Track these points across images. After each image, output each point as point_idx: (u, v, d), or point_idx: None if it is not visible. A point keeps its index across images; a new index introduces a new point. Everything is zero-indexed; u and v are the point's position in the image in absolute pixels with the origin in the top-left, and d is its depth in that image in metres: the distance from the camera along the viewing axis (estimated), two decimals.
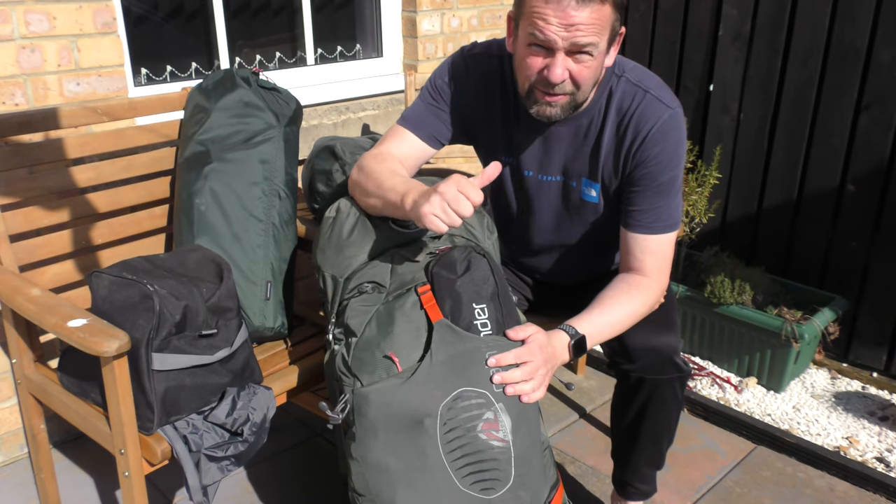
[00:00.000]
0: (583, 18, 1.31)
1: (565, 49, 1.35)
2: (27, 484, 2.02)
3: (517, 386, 1.30)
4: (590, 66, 1.38)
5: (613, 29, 1.38)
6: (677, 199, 1.54)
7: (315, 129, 2.56)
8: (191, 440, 1.47)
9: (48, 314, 1.45)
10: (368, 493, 1.28)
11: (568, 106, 1.44)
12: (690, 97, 2.88)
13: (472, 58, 1.59)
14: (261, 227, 1.76)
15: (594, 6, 1.31)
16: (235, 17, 2.49)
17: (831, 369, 2.66)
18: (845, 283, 2.61)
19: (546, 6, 1.32)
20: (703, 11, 2.78)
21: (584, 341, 1.42)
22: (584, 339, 1.42)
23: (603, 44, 1.37)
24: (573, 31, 1.32)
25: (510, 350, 1.32)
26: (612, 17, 1.36)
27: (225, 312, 1.54)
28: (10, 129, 1.70)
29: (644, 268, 1.53)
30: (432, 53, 2.87)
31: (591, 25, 1.32)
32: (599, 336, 1.47)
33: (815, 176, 2.62)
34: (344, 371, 1.34)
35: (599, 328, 1.47)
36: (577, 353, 1.42)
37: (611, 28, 1.37)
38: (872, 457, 2.20)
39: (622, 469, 1.77)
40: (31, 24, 1.86)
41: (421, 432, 1.26)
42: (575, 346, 1.41)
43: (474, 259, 1.38)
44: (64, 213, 1.77)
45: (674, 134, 1.48)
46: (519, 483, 1.28)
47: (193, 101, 1.85)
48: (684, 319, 2.68)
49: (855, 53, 2.44)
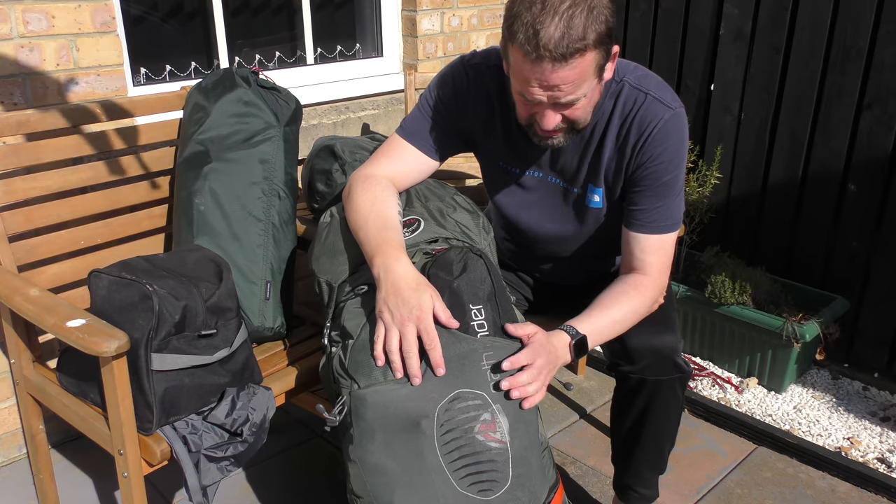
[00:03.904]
0: (562, 78, 1.28)
1: (551, 103, 1.34)
2: (26, 485, 2.02)
3: (522, 389, 1.30)
4: (580, 107, 1.37)
5: (601, 67, 1.34)
6: (679, 198, 1.53)
7: (315, 129, 2.56)
8: (190, 440, 1.47)
9: (47, 314, 1.44)
10: (366, 495, 1.27)
11: (569, 136, 1.45)
12: (691, 96, 2.88)
13: (471, 68, 1.58)
14: (260, 227, 1.75)
15: (573, 62, 1.27)
16: (235, 17, 2.48)
17: (832, 370, 2.66)
18: (846, 283, 2.61)
19: (523, 65, 1.30)
20: (704, 10, 2.77)
21: (585, 341, 1.42)
22: (585, 340, 1.42)
23: (589, 88, 1.34)
24: (555, 91, 1.31)
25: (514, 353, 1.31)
26: (597, 59, 1.31)
27: (224, 312, 1.54)
28: (8, 129, 1.69)
29: (645, 267, 1.53)
30: (432, 53, 2.86)
31: (572, 82, 1.30)
32: (601, 336, 1.47)
33: (817, 176, 2.61)
34: (341, 373, 1.34)
35: (600, 328, 1.46)
36: (578, 353, 1.42)
37: (597, 69, 1.33)
38: (874, 457, 2.20)
39: (623, 473, 1.76)
40: (30, 23, 1.86)
41: (418, 434, 1.25)
42: (576, 346, 1.41)
43: (471, 260, 1.37)
44: (63, 212, 1.77)
45: (675, 134, 1.48)
46: (517, 484, 1.27)
47: (193, 100, 1.84)
48: (685, 319, 2.68)
49: (856, 53, 2.43)
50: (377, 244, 1.39)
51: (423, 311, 1.28)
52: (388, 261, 1.35)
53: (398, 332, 1.29)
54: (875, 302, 2.55)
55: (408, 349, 1.28)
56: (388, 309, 1.31)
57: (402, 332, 1.28)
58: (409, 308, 1.28)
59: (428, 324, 1.28)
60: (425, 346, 1.28)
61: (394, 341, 1.29)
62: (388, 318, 1.30)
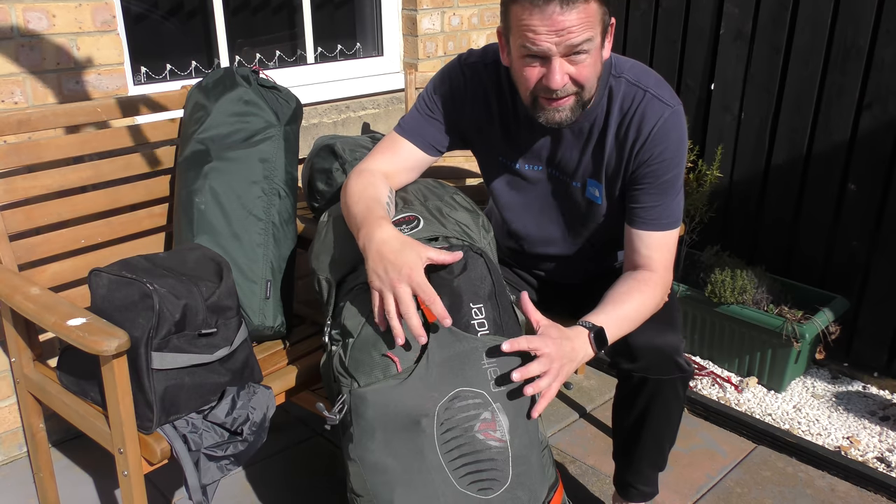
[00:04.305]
0: (571, 20, 1.30)
1: (561, 54, 1.34)
2: (26, 483, 2.02)
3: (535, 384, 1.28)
4: (588, 64, 1.37)
5: (604, 22, 1.37)
6: (679, 195, 1.54)
7: (315, 128, 2.56)
8: (190, 439, 1.47)
9: (47, 313, 1.45)
10: (366, 493, 1.27)
11: (576, 106, 1.43)
12: (691, 96, 2.88)
13: (468, 66, 1.59)
14: (260, 226, 1.75)
15: (579, 6, 1.30)
16: (235, 16, 2.48)
17: (832, 369, 2.66)
18: (846, 282, 2.61)
19: (532, 17, 1.31)
20: (705, 10, 2.77)
21: (603, 332, 1.41)
22: (602, 330, 1.41)
23: (597, 38, 1.36)
24: (564, 35, 1.31)
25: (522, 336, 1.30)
26: (601, 11, 1.35)
27: (224, 311, 1.54)
28: (9, 128, 1.69)
29: (650, 264, 1.53)
30: (433, 52, 2.86)
31: (581, 24, 1.31)
32: (617, 329, 1.45)
33: (817, 175, 2.62)
34: (341, 372, 1.34)
35: (616, 321, 1.45)
36: (598, 345, 1.40)
37: (601, 21, 1.36)
38: (873, 457, 2.20)
39: (624, 470, 1.77)
40: (31, 21, 1.86)
41: (418, 433, 1.25)
42: (595, 337, 1.40)
43: (471, 258, 1.37)
44: (63, 211, 1.77)
45: (675, 132, 1.48)
46: (517, 483, 1.27)
47: (193, 99, 1.84)
48: (685, 319, 2.68)
49: (857, 52, 2.43)
50: (362, 218, 1.41)
51: (413, 268, 1.27)
52: (370, 230, 1.36)
53: (392, 295, 1.28)
54: (875, 301, 2.55)
55: (405, 310, 1.27)
56: (377, 275, 1.30)
57: (396, 294, 1.27)
58: (398, 269, 1.28)
59: (420, 279, 1.27)
60: (425, 301, 1.27)
61: (390, 305, 1.28)
62: (379, 284, 1.29)
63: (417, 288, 1.27)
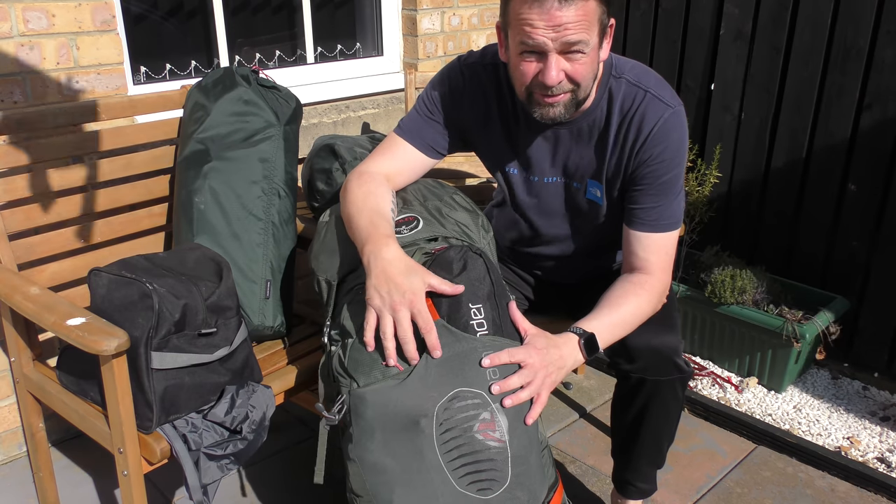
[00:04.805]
0: (569, 17, 1.30)
1: (557, 50, 1.34)
2: (26, 483, 2.02)
3: (515, 395, 1.28)
4: (584, 63, 1.37)
5: (602, 22, 1.37)
6: (679, 197, 1.53)
7: (315, 128, 2.56)
8: (190, 439, 1.47)
9: (47, 312, 1.44)
10: (366, 493, 1.27)
11: (570, 103, 1.42)
12: (691, 96, 2.88)
13: (467, 67, 1.59)
14: (260, 226, 1.75)
15: (578, 3, 1.30)
16: (235, 15, 2.48)
17: (832, 369, 2.66)
18: (846, 282, 2.61)
19: (530, 11, 1.31)
20: (705, 10, 2.77)
21: (594, 339, 1.41)
22: (593, 337, 1.41)
23: (593, 39, 1.36)
24: (561, 31, 1.31)
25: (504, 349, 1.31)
26: (599, 11, 1.35)
27: (224, 311, 1.54)
28: (9, 128, 1.69)
29: (648, 266, 1.53)
30: (433, 52, 2.86)
31: (579, 22, 1.31)
32: (610, 335, 1.45)
33: (817, 175, 2.61)
34: (340, 372, 1.34)
35: (608, 326, 1.45)
36: (589, 351, 1.40)
37: (599, 22, 1.36)
38: (873, 457, 2.20)
39: (622, 468, 1.77)
40: (30, 21, 1.86)
41: (417, 433, 1.25)
42: (586, 344, 1.40)
43: (470, 259, 1.37)
44: (63, 211, 1.77)
45: (675, 133, 1.48)
46: (516, 483, 1.27)
47: (193, 99, 1.84)
48: (685, 319, 2.68)
49: (856, 53, 2.43)
50: (367, 234, 1.40)
51: (416, 294, 1.28)
52: (376, 247, 1.35)
53: (391, 317, 1.28)
54: (875, 301, 2.55)
55: (403, 335, 1.27)
56: (379, 295, 1.30)
57: (395, 317, 1.28)
58: (402, 292, 1.28)
59: (421, 307, 1.28)
60: (421, 330, 1.27)
61: (388, 327, 1.28)
62: (380, 304, 1.30)
63: (417, 315, 1.28)
